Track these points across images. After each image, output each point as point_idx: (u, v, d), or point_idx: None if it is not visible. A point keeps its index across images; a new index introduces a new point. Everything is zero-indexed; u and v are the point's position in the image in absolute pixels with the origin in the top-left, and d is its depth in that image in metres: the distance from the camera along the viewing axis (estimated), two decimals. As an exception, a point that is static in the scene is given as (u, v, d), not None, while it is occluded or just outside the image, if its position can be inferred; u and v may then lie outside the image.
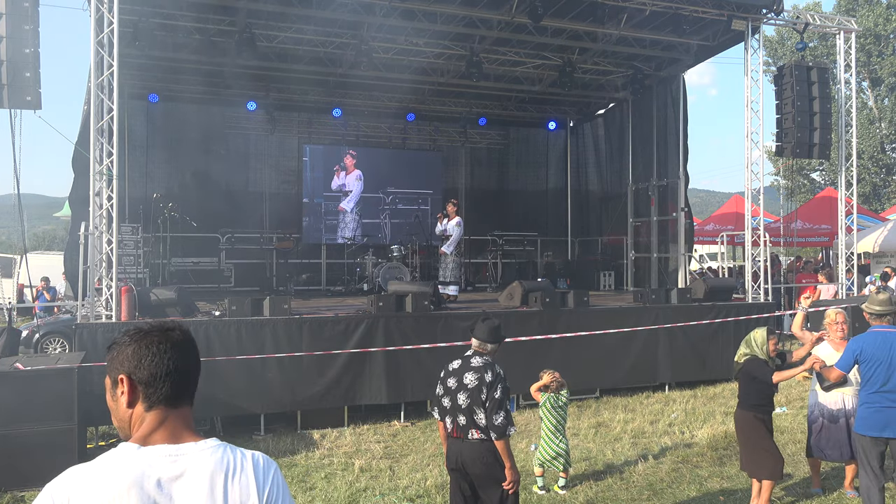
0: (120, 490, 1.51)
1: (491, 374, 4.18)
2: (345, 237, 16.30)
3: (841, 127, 12.92)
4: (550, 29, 12.42)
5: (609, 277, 16.19)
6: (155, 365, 1.63)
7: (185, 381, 1.67)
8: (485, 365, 4.23)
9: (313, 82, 15.03)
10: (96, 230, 8.51)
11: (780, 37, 36.14)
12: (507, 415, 4.14)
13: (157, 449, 1.58)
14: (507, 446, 4.15)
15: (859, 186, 21.12)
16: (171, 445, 1.60)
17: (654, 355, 10.41)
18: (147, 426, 1.62)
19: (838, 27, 13.01)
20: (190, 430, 1.65)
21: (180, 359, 1.66)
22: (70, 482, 1.54)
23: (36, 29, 8.19)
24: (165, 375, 1.63)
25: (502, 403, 4.12)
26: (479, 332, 4.36)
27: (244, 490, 1.59)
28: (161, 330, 1.69)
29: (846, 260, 12.96)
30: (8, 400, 6.42)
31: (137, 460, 1.56)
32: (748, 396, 5.53)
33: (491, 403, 4.10)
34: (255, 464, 1.64)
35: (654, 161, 15.10)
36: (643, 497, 6.12)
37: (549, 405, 6.40)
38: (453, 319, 9.39)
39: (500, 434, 4.09)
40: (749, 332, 5.78)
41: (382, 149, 17.67)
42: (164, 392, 1.63)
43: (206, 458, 1.59)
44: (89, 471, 1.55)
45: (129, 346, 1.66)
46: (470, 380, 4.20)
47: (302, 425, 8.56)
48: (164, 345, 1.65)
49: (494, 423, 4.09)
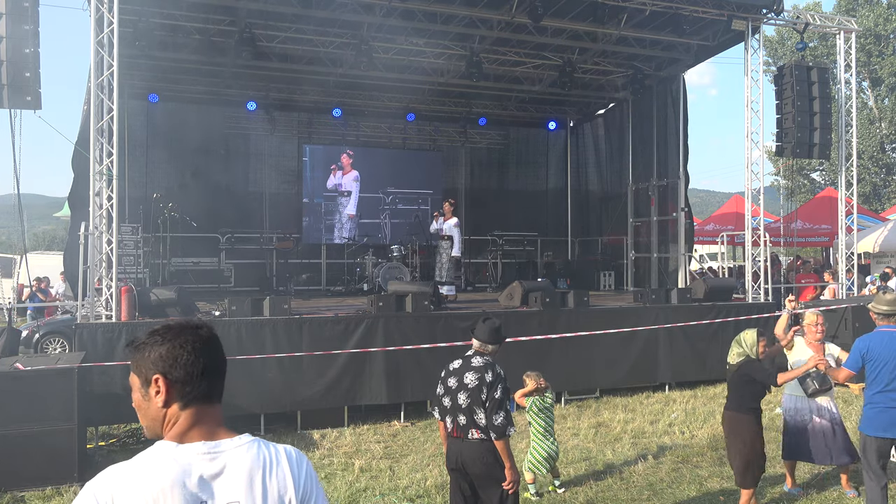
0: (163, 488, 1.53)
1: (491, 374, 4.18)
2: (344, 237, 16.31)
3: (841, 127, 12.91)
4: (550, 29, 12.42)
5: (609, 277, 16.19)
6: (191, 364, 1.65)
7: (218, 378, 1.70)
8: (485, 365, 4.24)
9: (313, 82, 15.03)
10: (96, 230, 8.51)
11: (780, 37, 36.14)
12: (507, 415, 4.14)
13: (195, 447, 1.61)
14: (506, 446, 4.15)
15: (859, 186, 21.12)
16: (208, 443, 1.62)
17: (654, 355, 10.40)
18: (182, 424, 1.64)
19: (838, 27, 13.01)
20: (223, 426, 1.68)
21: (212, 357, 1.68)
22: (112, 481, 1.55)
23: (36, 29, 8.19)
24: (200, 374, 1.65)
25: (502, 403, 4.13)
26: (480, 333, 4.38)
27: (281, 484, 1.63)
28: (192, 328, 1.70)
29: (846, 260, 12.96)
30: (8, 400, 6.42)
31: (178, 458, 1.58)
32: (743, 398, 5.39)
33: (491, 403, 4.11)
34: (289, 457, 1.68)
35: (654, 161, 15.10)
36: (643, 497, 6.12)
37: (535, 408, 6.30)
38: (453, 319, 9.39)
39: (499, 434, 4.10)
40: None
41: (382, 149, 17.67)
42: (200, 391, 1.65)
43: (243, 454, 1.62)
44: (131, 469, 1.57)
45: (161, 345, 1.66)
46: (470, 380, 4.21)
47: (302, 425, 8.56)
48: (197, 343, 1.67)
49: (494, 423, 4.10)
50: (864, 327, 6.56)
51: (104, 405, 7.74)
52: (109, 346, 7.90)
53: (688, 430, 8.27)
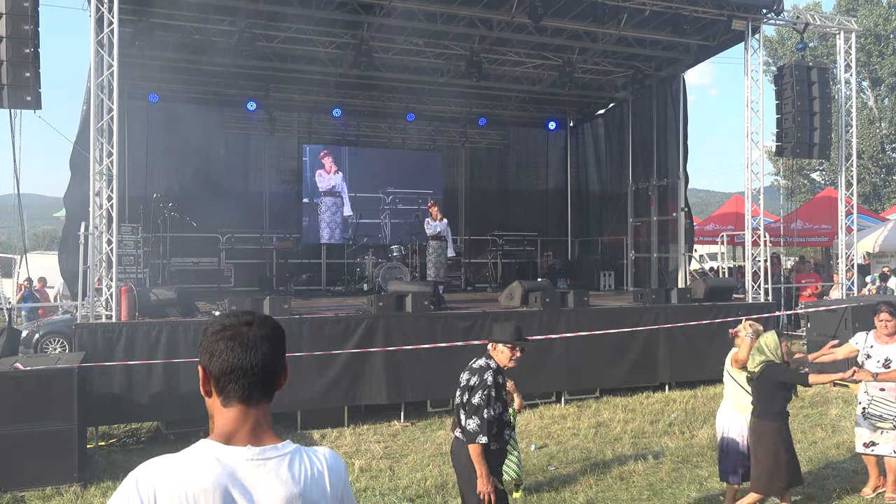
0: (205, 488, 1.50)
1: (477, 379, 4.26)
2: (346, 237, 16.30)
3: (841, 127, 12.91)
4: (550, 29, 12.41)
5: (609, 277, 16.19)
6: (223, 362, 1.59)
7: (257, 379, 1.61)
8: (479, 368, 4.32)
9: (313, 82, 15.03)
10: (96, 230, 8.51)
11: (780, 37, 36.14)
12: (481, 423, 4.14)
13: (241, 451, 1.57)
14: (478, 454, 4.14)
15: (859, 186, 21.10)
16: (254, 448, 1.58)
17: (654, 355, 10.41)
18: (228, 424, 1.60)
19: (838, 27, 13.01)
20: (269, 429, 1.64)
21: (250, 357, 1.60)
22: (156, 473, 1.52)
23: (36, 29, 8.19)
24: (231, 373, 1.59)
25: (478, 409, 4.16)
26: (493, 332, 4.50)
27: (320, 492, 1.62)
28: (237, 325, 1.63)
29: (846, 260, 12.96)
30: (8, 400, 6.42)
31: (223, 460, 1.55)
32: (771, 404, 5.08)
33: (468, 407, 4.22)
34: (328, 465, 1.67)
35: (654, 161, 15.10)
36: (643, 497, 6.12)
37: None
38: (453, 319, 9.40)
39: (469, 438, 4.17)
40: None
41: (382, 149, 17.66)
42: (234, 389, 1.60)
43: (285, 463, 1.60)
44: (175, 464, 1.54)
45: (209, 336, 1.62)
46: (464, 379, 4.35)
47: (302, 425, 8.56)
48: (234, 342, 1.60)
49: (467, 427, 4.19)
50: (864, 327, 6.53)
51: (104, 405, 7.74)
52: (109, 346, 7.90)
53: (688, 430, 8.27)
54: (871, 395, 5.84)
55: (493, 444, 4.23)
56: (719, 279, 13.96)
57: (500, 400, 4.30)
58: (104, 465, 7.30)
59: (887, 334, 5.82)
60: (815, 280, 15.96)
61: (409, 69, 14.35)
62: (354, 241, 15.68)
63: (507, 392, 4.57)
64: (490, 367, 4.32)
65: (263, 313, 1.71)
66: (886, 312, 5.84)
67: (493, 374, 4.28)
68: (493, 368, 4.32)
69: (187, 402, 7.70)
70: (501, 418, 4.33)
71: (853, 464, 6.70)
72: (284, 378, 1.71)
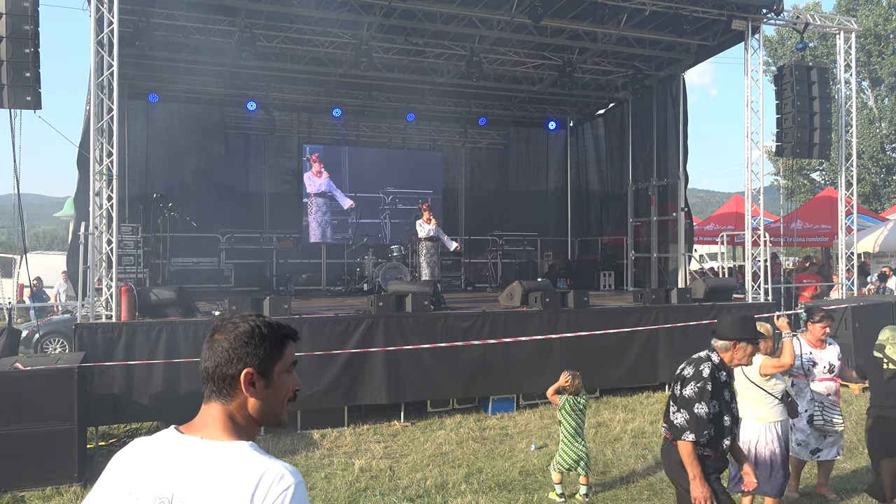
0: (128, 451, 1.70)
1: (692, 369, 3.89)
2: (345, 236, 16.31)
3: (841, 127, 12.91)
4: (550, 29, 12.42)
5: (609, 277, 16.20)
6: (202, 360, 1.70)
7: (209, 380, 1.67)
8: (698, 359, 3.95)
9: (313, 82, 15.05)
10: (96, 230, 8.51)
11: (780, 37, 36.12)
12: (690, 418, 3.77)
13: (181, 436, 1.65)
14: (689, 452, 3.74)
15: (859, 186, 21.12)
16: (192, 437, 1.63)
17: (654, 355, 10.40)
18: (196, 417, 1.69)
19: (838, 27, 13.01)
20: (225, 427, 1.65)
21: (204, 360, 1.68)
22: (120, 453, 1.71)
23: (36, 29, 8.19)
24: (203, 371, 1.68)
25: (689, 403, 3.80)
26: (720, 325, 4.09)
27: (212, 494, 1.50)
28: (213, 329, 1.71)
29: (846, 260, 12.95)
30: (8, 400, 6.42)
31: (158, 437, 1.69)
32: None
33: (679, 399, 3.89)
34: (254, 482, 1.51)
35: (654, 161, 15.10)
36: (643, 497, 6.12)
37: (568, 407, 6.13)
38: (453, 319, 9.39)
39: (675, 434, 3.85)
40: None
41: (383, 149, 17.67)
42: (206, 388, 1.69)
43: (208, 457, 1.58)
44: (136, 443, 1.70)
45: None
46: (679, 368, 4.04)
47: (302, 425, 8.56)
48: (206, 345, 1.70)
49: (674, 420, 3.87)
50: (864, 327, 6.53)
51: (104, 405, 7.74)
52: (109, 346, 7.90)
53: (688, 430, 8.26)
54: (821, 403, 5.78)
55: (705, 449, 3.80)
56: (719, 279, 13.95)
57: (717, 398, 3.83)
58: (104, 465, 7.24)
59: (822, 340, 5.90)
60: (816, 281, 15.95)
61: (409, 69, 14.35)
62: (354, 241, 15.69)
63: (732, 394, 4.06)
64: (710, 359, 3.90)
65: (253, 314, 1.72)
66: (829, 319, 5.97)
67: (711, 368, 3.85)
68: (713, 362, 3.89)
69: (187, 402, 7.70)
70: (720, 421, 3.85)
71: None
72: (254, 382, 1.66)
